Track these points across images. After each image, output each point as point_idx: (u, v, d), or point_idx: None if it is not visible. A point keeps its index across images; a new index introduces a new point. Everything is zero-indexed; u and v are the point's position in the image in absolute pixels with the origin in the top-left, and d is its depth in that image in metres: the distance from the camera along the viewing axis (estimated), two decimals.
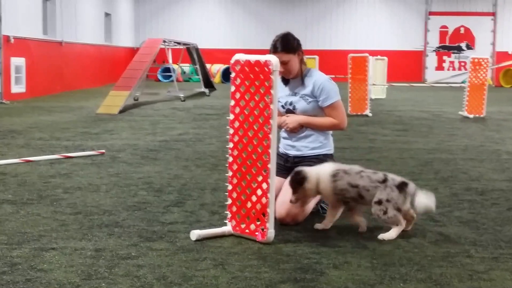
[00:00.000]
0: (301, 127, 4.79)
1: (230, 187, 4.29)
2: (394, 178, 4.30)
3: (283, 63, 4.63)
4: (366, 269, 3.66)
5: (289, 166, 4.82)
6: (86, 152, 7.59)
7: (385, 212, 4.23)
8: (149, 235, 4.25)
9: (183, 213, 4.88)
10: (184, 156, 7.55)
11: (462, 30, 29.19)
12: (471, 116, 12.86)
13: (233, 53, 4.67)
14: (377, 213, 4.26)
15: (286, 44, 4.71)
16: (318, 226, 4.47)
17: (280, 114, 4.82)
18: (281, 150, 4.93)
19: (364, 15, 28.94)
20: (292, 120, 4.78)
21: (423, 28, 29.23)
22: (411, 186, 4.29)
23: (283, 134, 4.92)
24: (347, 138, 9.29)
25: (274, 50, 4.69)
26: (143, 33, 28.31)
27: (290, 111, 4.83)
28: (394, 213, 4.22)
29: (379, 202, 4.24)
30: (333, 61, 25.90)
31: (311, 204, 4.69)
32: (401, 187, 4.25)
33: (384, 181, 4.27)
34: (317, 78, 4.78)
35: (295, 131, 4.80)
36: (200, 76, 19.47)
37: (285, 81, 4.87)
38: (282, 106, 4.86)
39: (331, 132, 4.93)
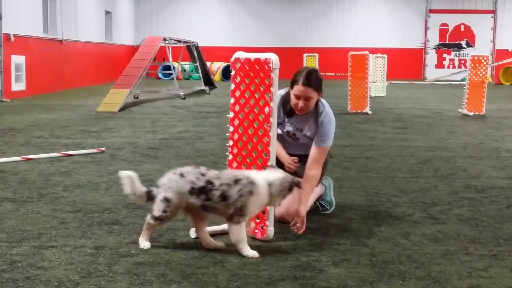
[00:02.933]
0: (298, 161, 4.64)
1: None
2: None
3: (306, 99, 4.45)
4: (365, 266, 3.67)
5: None
6: (86, 150, 7.59)
7: None
8: None
9: None
10: (184, 154, 7.55)
11: (462, 28, 29.17)
12: (471, 114, 12.86)
13: (233, 51, 4.68)
14: None
15: (318, 82, 4.48)
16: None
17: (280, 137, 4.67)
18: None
19: (364, 13, 28.91)
20: (303, 219, 4.33)
21: (423, 25, 29.21)
22: None
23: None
24: (346, 136, 9.30)
25: (305, 83, 4.41)
26: (143, 31, 28.30)
27: (292, 139, 4.72)
28: None
29: None
30: (333, 59, 25.90)
31: (310, 201, 4.69)
32: None
33: None
34: (325, 121, 4.57)
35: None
36: (200, 74, 19.46)
37: (291, 113, 4.64)
38: (285, 132, 4.70)
39: None
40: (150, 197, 3.94)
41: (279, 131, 4.67)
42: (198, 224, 3.99)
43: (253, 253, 3.80)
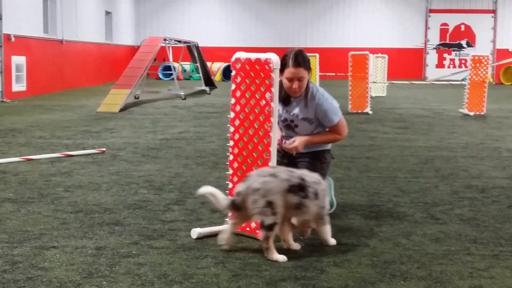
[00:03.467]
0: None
1: (230, 185, 4.30)
2: None
3: (299, 80, 4.51)
4: (367, 266, 3.66)
5: (286, 162, 4.77)
6: (86, 151, 7.59)
7: None
8: (149, 233, 4.25)
9: (184, 211, 4.89)
10: (185, 154, 7.55)
11: (462, 28, 29.17)
12: (472, 113, 12.86)
13: (233, 51, 4.68)
14: None
15: (307, 61, 4.55)
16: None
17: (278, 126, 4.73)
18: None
19: (365, 13, 28.91)
20: (300, 143, 4.61)
21: (424, 25, 29.21)
22: None
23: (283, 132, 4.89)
24: (347, 136, 9.25)
25: (296, 64, 4.47)
26: (143, 31, 28.31)
27: (291, 127, 4.76)
28: None
29: None
30: (333, 59, 25.90)
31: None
32: None
33: None
34: (318, 103, 4.61)
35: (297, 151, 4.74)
36: (201, 74, 19.46)
37: (287, 100, 4.69)
38: (282, 121, 4.73)
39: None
40: (235, 206, 3.86)
41: (279, 125, 4.68)
42: (284, 227, 3.91)
43: (333, 241, 4.06)
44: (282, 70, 4.47)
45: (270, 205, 3.73)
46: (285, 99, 4.67)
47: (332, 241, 4.06)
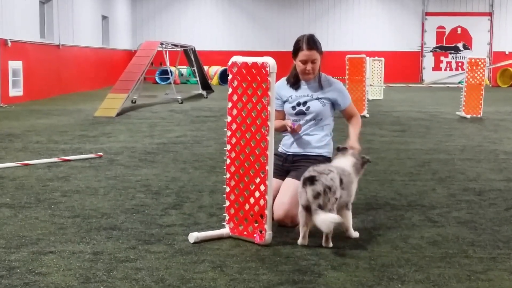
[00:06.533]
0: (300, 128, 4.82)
1: (228, 189, 4.30)
2: None
3: (313, 62, 4.74)
4: (364, 270, 3.66)
5: (287, 166, 4.82)
6: (84, 155, 7.59)
7: None
8: (147, 238, 4.25)
9: (181, 215, 4.88)
10: (182, 159, 7.55)
11: (459, 31, 29.23)
12: (469, 116, 12.88)
13: (230, 55, 4.67)
14: None
15: (319, 44, 4.79)
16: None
17: (280, 116, 4.81)
18: (280, 149, 4.93)
19: (361, 16, 28.96)
20: (355, 142, 4.85)
21: (420, 28, 29.27)
22: None
23: (285, 133, 4.91)
24: (345, 139, 9.27)
25: (309, 47, 4.70)
26: (140, 35, 28.33)
27: (302, 112, 4.82)
28: None
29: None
30: (330, 62, 25.83)
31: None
32: None
33: None
34: (335, 84, 4.90)
35: (296, 131, 4.80)
36: (198, 78, 19.47)
37: (296, 84, 4.87)
38: (293, 107, 4.84)
39: (331, 135, 4.95)
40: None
41: (290, 118, 4.86)
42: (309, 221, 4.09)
43: (356, 234, 4.30)
44: (296, 54, 4.76)
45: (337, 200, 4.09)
46: (295, 84, 4.88)
47: (352, 233, 4.30)
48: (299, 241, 4.11)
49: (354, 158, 4.47)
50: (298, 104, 4.83)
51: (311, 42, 4.72)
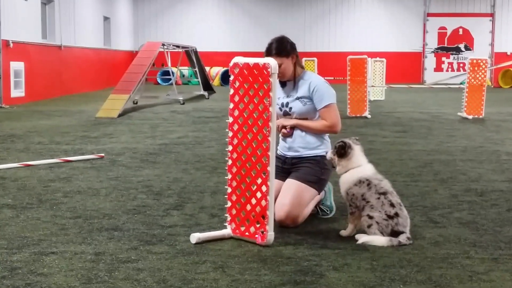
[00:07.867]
0: (292, 129, 4.80)
1: (229, 190, 4.30)
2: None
3: (279, 66, 4.63)
4: (366, 271, 3.66)
5: (286, 167, 4.82)
6: (85, 156, 7.59)
7: (369, 226, 4.24)
8: (148, 239, 4.25)
9: (183, 216, 4.88)
10: (184, 159, 7.55)
11: (460, 31, 29.20)
12: (470, 117, 12.87)
13: (232, 56, 4.69)
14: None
15: (279, 48, 4.74)
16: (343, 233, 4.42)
17: (278, 117, 4.84)
18: (279, 152, 4.94)
19: (363, 17, 28.94)
20: (285, 120, 4.83)
21: (422, 29, 29.24)
22: None
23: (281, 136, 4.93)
24: (344, 135, 9.27)
25: (267, 53, 4.73)
26: (142, 36, 28.31)
27: (287, 113, 4.85)
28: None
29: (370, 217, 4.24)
30: (332, 63, 25.89)
31: (310, 206, 4.69)
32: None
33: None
34: (312, 80, 4.81)
35: (287, 135, 4.81)
36: (199, 79, 19.48)
37: (282, 83, 4.88)
38: (280, 108, 4.87)
39: (327, 134, 4.93)
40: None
41: (278, 111, 4.85)
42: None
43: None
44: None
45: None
46: (282, 83, 4.88)
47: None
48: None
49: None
50: (283, 105, 4.87)
51: (269, 50, 4.74)
